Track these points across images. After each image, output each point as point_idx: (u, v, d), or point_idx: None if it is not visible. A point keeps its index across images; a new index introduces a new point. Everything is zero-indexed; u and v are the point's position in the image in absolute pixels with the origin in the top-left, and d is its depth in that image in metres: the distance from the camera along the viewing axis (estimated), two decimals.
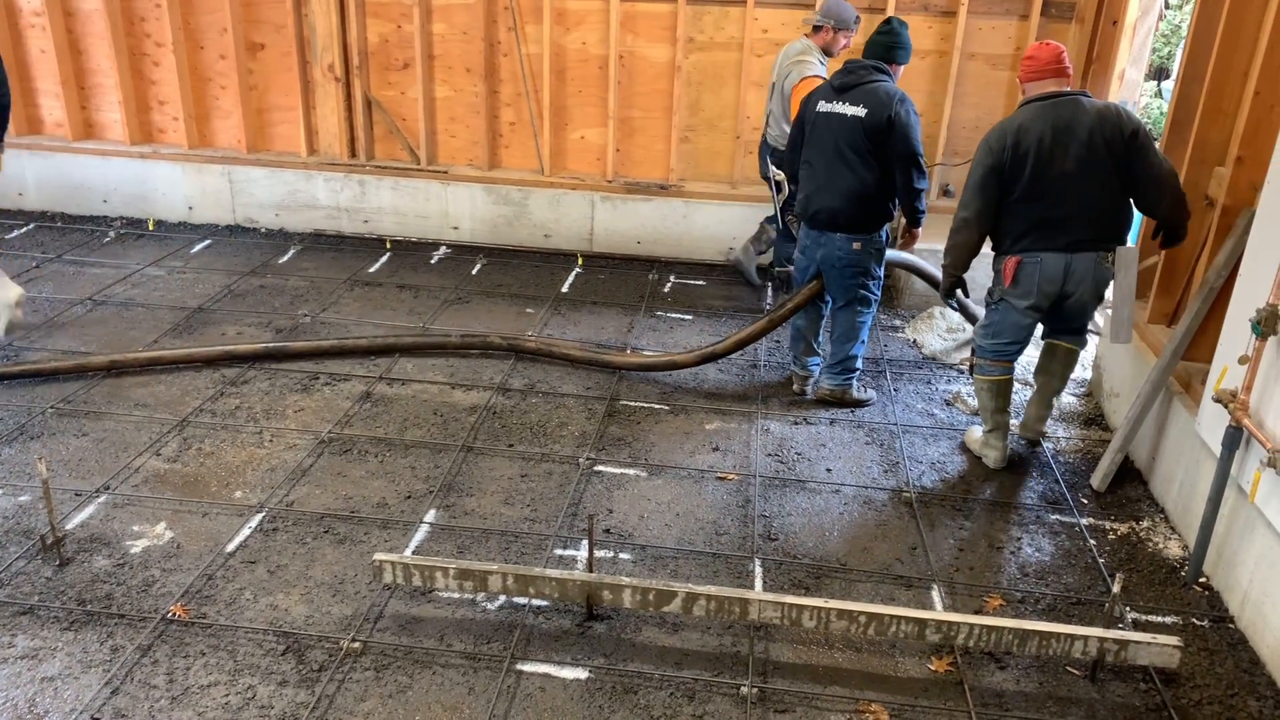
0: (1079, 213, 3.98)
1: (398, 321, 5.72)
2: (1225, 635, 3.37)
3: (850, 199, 4.53)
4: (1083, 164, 3.91)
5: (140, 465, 4.14)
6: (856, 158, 4.48)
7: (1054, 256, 4.03)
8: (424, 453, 4.33)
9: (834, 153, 4.53)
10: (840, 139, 4.51)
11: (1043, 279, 4.06)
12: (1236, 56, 4.00)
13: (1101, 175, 3.93)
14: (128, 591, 3.38)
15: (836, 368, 4.85)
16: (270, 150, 7.16)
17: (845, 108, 4.50)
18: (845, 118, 4.49)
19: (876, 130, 4.41)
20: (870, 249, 4.63)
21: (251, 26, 6.84)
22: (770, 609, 3.14)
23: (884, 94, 4.43)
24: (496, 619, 3.33)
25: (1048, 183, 3.96)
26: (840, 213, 4.56)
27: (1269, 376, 3.29)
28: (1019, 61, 6.27)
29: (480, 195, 6.95)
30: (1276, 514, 3.19)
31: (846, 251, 4.61)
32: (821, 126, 4.59)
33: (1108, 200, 3.98)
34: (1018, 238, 4.08)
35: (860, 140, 4.45)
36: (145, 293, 5.96)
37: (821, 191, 4.60)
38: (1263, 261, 3.39)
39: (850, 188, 4.52)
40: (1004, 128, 4.05)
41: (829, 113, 4.56)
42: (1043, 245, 4.04)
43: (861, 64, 4.57)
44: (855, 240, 4.59)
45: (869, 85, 4.48)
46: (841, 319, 4.78)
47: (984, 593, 3.56)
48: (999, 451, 4.36)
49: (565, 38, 6.59)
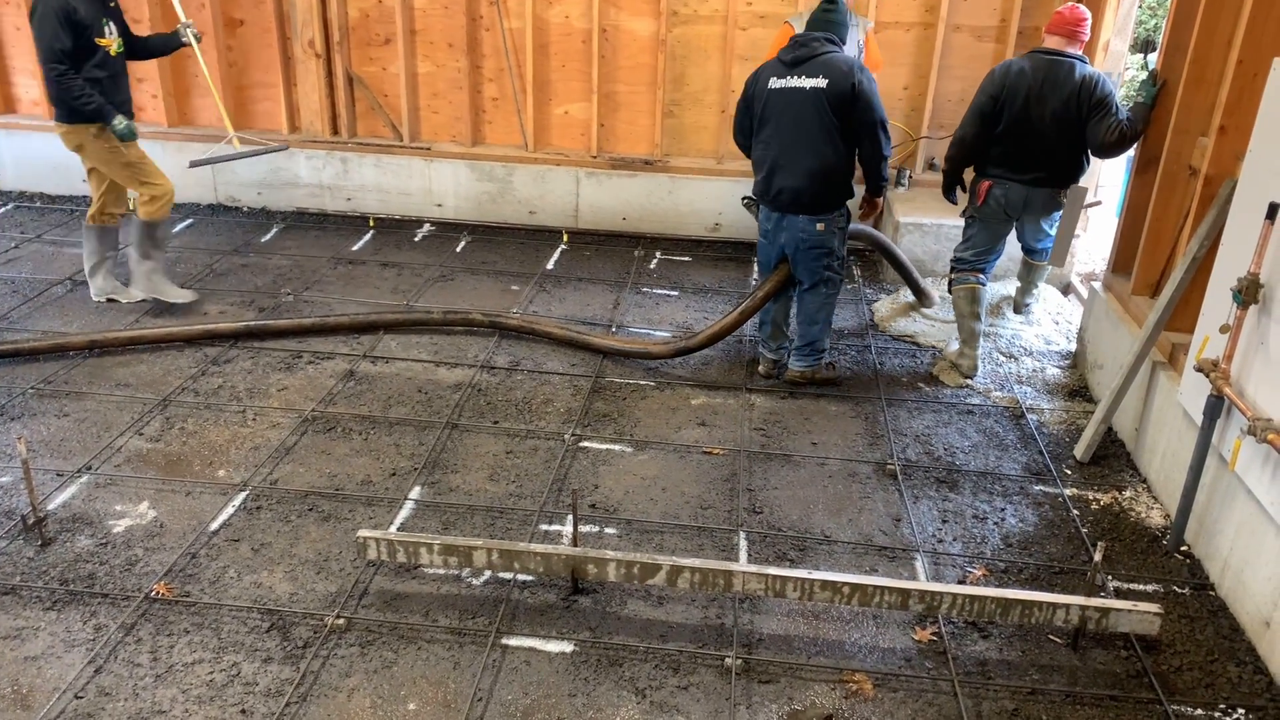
0: (1045, 157, 4.74)
1: (381, 300, 5.68)
2: (1206, 602, 3.40)
3: (813, 177, 4.46)
4: (1057, 120, 4.64)
5: (122, 445, 4.11)
6: (819, 133, 4.40)
7: (1018, 187, 4.82)
8: (408, 430, 4.32)
9: (793, 130, 4.44)
10: (800, 114, 4.41)
11: (1007, 203, 4.87)
12: (1219, 25, 3.99)
13: (1069, 131, 4.66)
14: (110, 571, 3.37)
15: (805, 349, 4.81)
16: (252, 128, 7.08)
17: (803, 80, 4.39)
18: (805, 91, 4.39)
19: (840, 100, 4.34)
20: (833, 228, 4.58)
21: (230, 2, 6.76)
22: (754, 581, 3.15)
23: (844, 63, 4.37)
24: (482, 594, 3.33)
25: (1026, 126, 4.69)
26: (803, 192, 4.49)
27: (1250, 345, 3.30)
28: (1004, 33, 6.27)
29: (464, 172, 6.91)
30: (1256, 482, 3.21)
31: (810, 233, 4.56)
32: (778, 104, 4.47)
33: (1069, 151, 4.74)
34: (995, 164, 4.84)
35: (823, 114, 4.37)
36: (125, 272, 5.89)
37: (782, 171, 4.51)
38: (1244, 230, 3.40)
39: (812, 166, 4.44)
40: (1008, 66, 4.73)
41: (785, 89, 4.44)
42: (1012, 176, 4.80)
43: (812, 36, 4.48)
44: (818, 221, 4.53)
45: (824, 56, 4.40)
46: (808, 300, 4.73)
47: (967, 563, 3.58)
48: (971, 360, 4.93)
49: (548, 11, 6.52)
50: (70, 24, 4.77)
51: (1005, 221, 4.96)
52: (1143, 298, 4.48)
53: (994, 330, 5.37)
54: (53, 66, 4.78)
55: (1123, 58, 5.90)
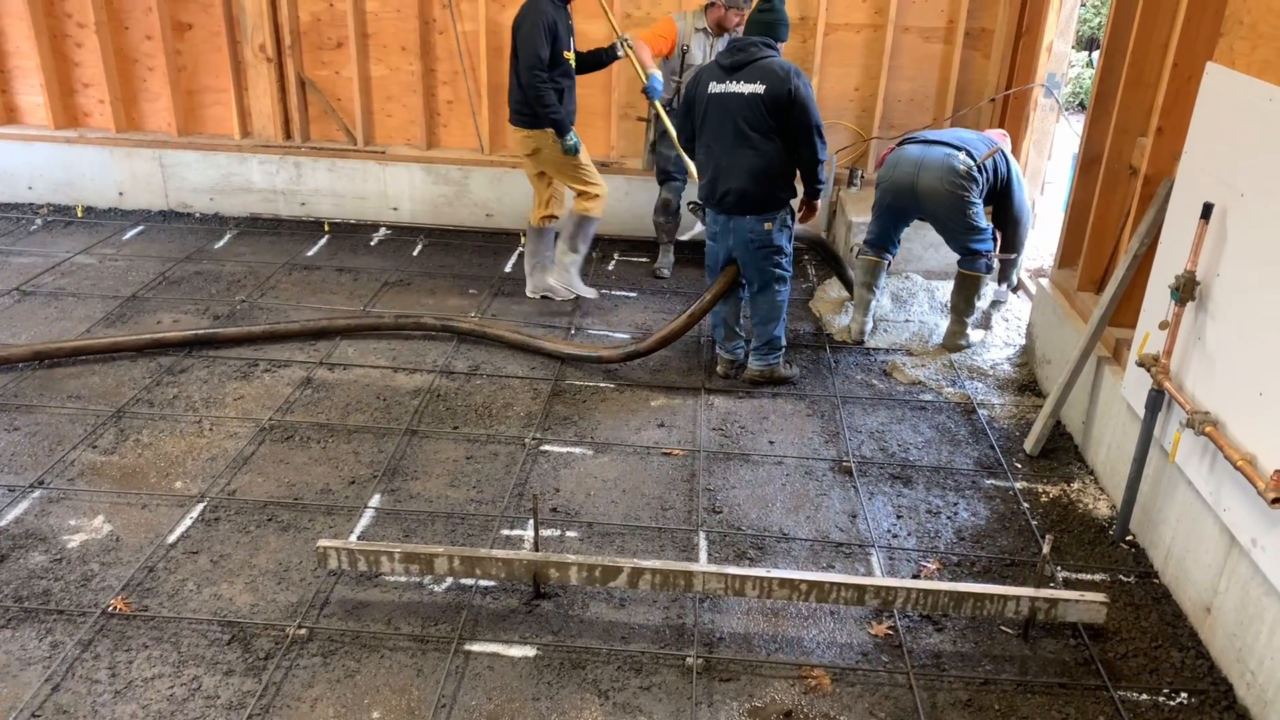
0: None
1: (337, 305, 5.66)
2: (1150, 590, 3.51)
3: (756, 177, 4.51)
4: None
5: (76, 458, 4.06)
6: (759, 135, 4.45)
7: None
8: (367, 437, 4.31)
9: (734, 133, 4.49)
10: (740, 118, 4.46)
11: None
12: (1156, 29, 4.11)
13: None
14: (66, 587, 3.33)
15: (763, 348, 4.88)
16: (202, 133, 7.01)
17: (741, 86, 4.44)
18: (743, 96, 4.44)
19: (777, 104, 4.40)
20: (780, 226, 4.64)
21: (178, 6, 6.67)
22: (714, 580, 3.20)
23: (780, 69, 4.41)
24: (444, 601, 3.35)
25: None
26: (747, 193, 4.54)
27: (1188, 341, 3.41)
28: (951, 34, 6.39)
29: (419, 175, 6.88)
30: (1195, 473, 3.32)
31: (759, 233, 4.62)
32: (717, 108, 4.52)
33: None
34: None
35: (762, 118, 4.43)
36: (76, 282, 5.82)
37: (726, 174, 4.56)
38: (1181, 229, 3.51)
39: (755, 166, 4.50)
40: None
41: (723, 93, 4.49)
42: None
43: (749, 40, 4.51)
44: (765, 220, 4.60)
45: (762, 61, 4.44)
46: (761, 301, 4.78)
47: (922, 557, 3.66)
48: (859, 324, 5.33)
49: (501, 14, 6.52)
50: (551, 36, 5.15)
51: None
52: (1088, 294, 4.60)
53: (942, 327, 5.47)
54: (537, 74, 5.14)
55: (1065, 58, 6.03)
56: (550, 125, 5.30)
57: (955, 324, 5.27)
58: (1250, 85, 3.18)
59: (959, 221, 5.03)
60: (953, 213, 5.01)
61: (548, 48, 5.14)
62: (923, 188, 4.99)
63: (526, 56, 5.14)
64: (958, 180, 4.92)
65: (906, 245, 5.75)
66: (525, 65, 5.15)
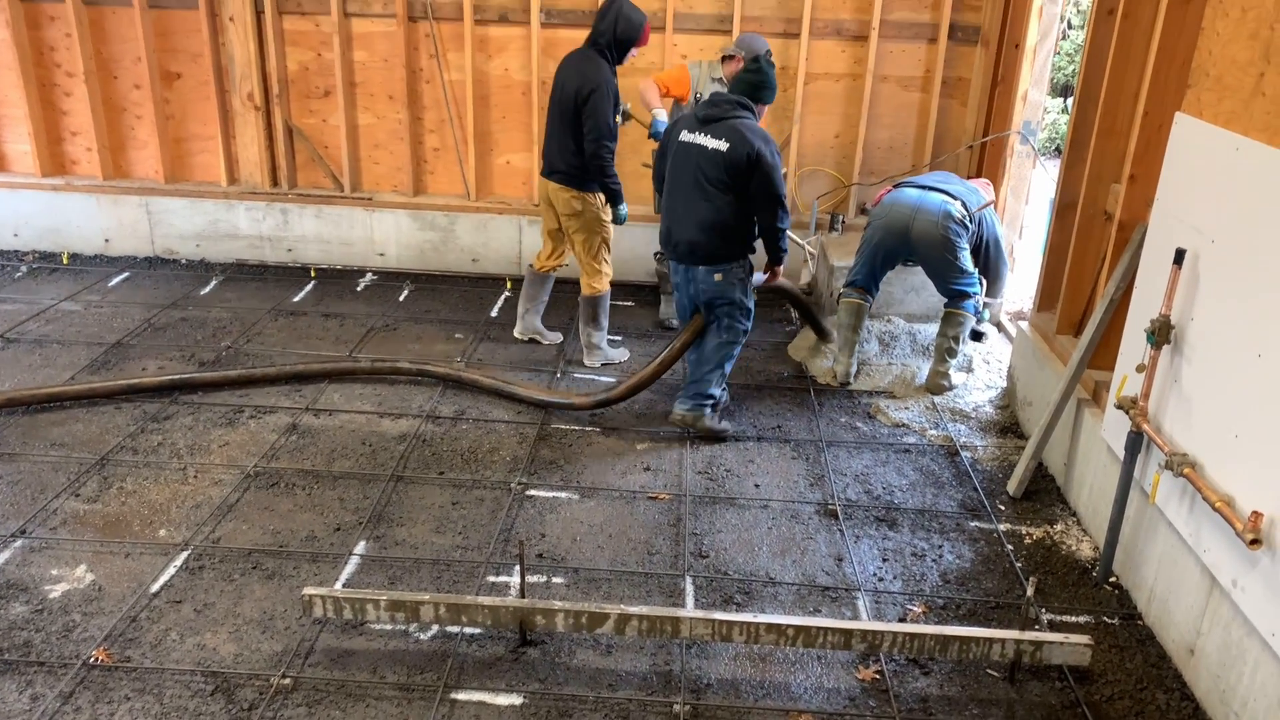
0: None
1: (323, 350, 5.67)
2: (1134, 632, 3.53)
3: (708, 230, 4.52)
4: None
5: (58, 507, 4.04)
6: (715, 190, 4.47)
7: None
8: (353, 484, 4.31)
9: (693, 184, 4.52)
10: (700, 171, 4.49)
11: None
12: (1127, 79, 4.22)
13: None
14: (47, 638, 3.30)
15: (690, 390, 4.80)
16: (190, 180, 7.05)
17: (708, 140, 4.47)
18: (706, 150, 4.47)
19: (736, 166, 4.40)
20: (731, 279, 4.61)
21: (167, 55, 6.75)
22: (701, 626, 3.20)
23: (747, 131, 4.43)
24: (430, 649, 3.33)
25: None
26: (698, 245, 4.56)
27: (1165, 383, 3.47)
28: (928, 83, 6.53)
29: (406, 221, 6.94)
30: (1175, 514, 3.35)
31: (710, 284, 4.62)
32: (681, 157, 4.57)
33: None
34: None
35: (721, 174, 4.44)
36: (60, 329, 5.81)
37: (680, 223, 4.60)
38: (1155, 274, 3.58)
39: (707, 219, 4.51)
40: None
41: (690, 143, 4.53)
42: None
43: (726, 98, 4.54)
44: (715, 271, 4.59)
45: (732, 121, 4.47)
46: (706, 343, 4.76)
47: (908, 600, 3.67)
48: (845, 367, 5.37)
49: (488, 64, 6.63)
50: (615, 102, 5.14)
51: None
52: (1066, 337, 4.67)
53: (924, 370, 5.52)
54: (606, 145, 5.10)
55: (1040, 106, 6.17)
56: (607, 194, 5.27)
57: (938, 365, 5.33)
58: (1217, 135, 3.27)
59: (948, 264, 5.15)
60: (944, 255, 5.13)
61: (614, 116, 5.11)
62: (917, 230, 5.12)
63: (597, 126, 5.03)
64: (951, 225, 5.08)
65: (888, 289, 5.83)
66: (595, 135, 5.05)
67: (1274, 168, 2.94)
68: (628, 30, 5.06)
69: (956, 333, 5.25)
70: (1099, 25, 4.41)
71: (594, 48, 5.14)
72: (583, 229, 5.40)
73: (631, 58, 5.27)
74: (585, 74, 5.07)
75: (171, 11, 6.61)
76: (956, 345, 5.28)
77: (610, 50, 5.11)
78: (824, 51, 6.54)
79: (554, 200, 5.38)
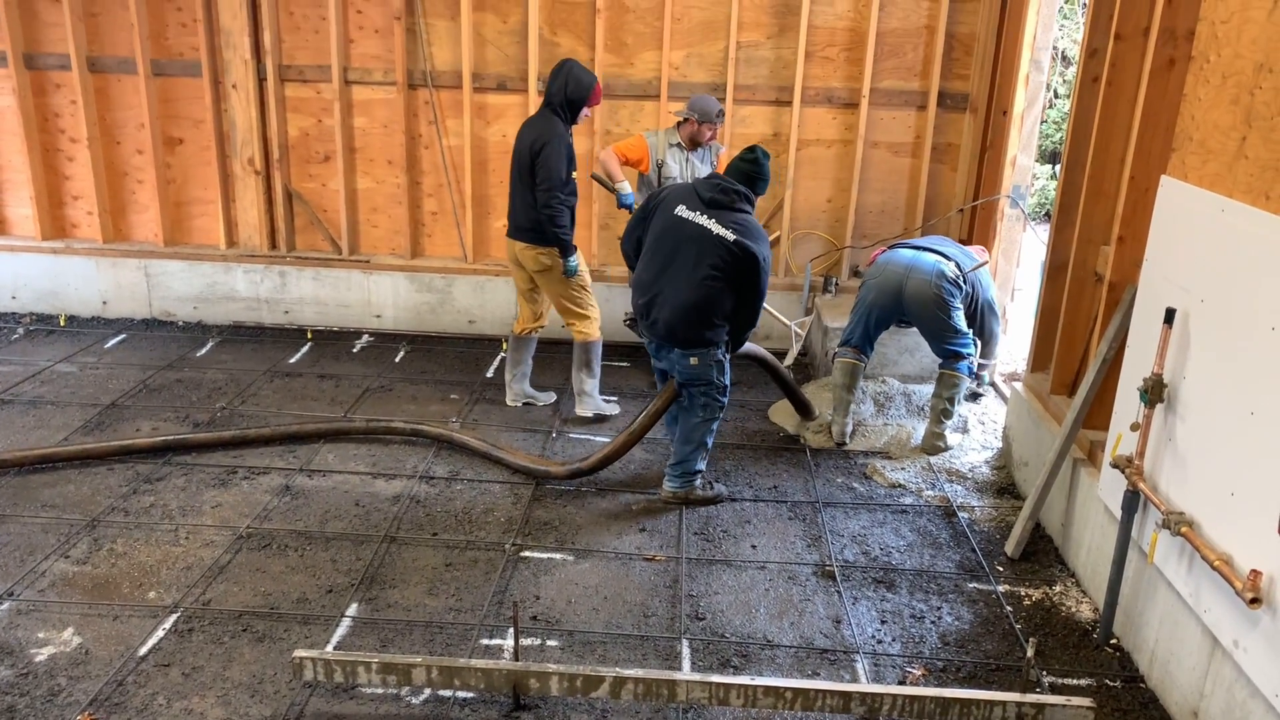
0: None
1: (318, 411, 5.66)
2: (1137, 695, 3.48)
3: (686, 313, 4.43)
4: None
5: (47, 569, 3.99)
6: (709, 274, 4.38)
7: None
8: (345, 545, 4.27)
9: (684, 263, 4.42)
10: (699, 252, 4.39)
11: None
12: (1113, 144, 4.30)
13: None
14: (31, 703, 3.23)
15: (677, 469, 4.73)
16: (189, 243, 7.11)
17: (714, 225, 4.39)
18: (710, 234, 4.38)
19: (737, 259, 4.36)
20: (709, 362, 4.54)
21: (170, 122, 6.86)
22: (698, 689, 3.15)
23: (756, 231, 4.44)
24: (421, 713, 3.27)
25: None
26: (677, 328, 4.46)
27: (1159, 442, 3.48)
28: (919, 149, 6.65)
29: (403, 283, 6.99)
30: (1174, 574, 3.33)
31: (685, 366, 4.55)
32: (676, 232, 4.47)
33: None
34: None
35: (720, 261, 4.36)
36: (55, 390, 5.81)
37: (661, 301, 4.49)
38: (1146, 333, 3.61)
39: (689, 300, 4.41)
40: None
41: (690, 221, 4.44)
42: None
43: (733, 186, 4.47)
44: (691, 356, 4.51)
45: (741, 215, 4.45)
46: (685, 420, 4.72)
47: (907, 663, 3.63)
48: (840, 427, 5.38)
49: (486, 130, 6.75)
50: (569, 157, 5.23)
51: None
52: (1061, 397, 4.68)
53: (919, 430, 5.53)
54: (556, 195, 5.18)
55: (1029, 171, 6.28)
56: (557, 245, 5.29)
57: (934, 426, 5.34)
58: (1202, 197, 3.33)
59: (942, 324, 5.19)
60: (937, 314, 5.17)
61: (566, 169, 5.20)
62: (910, 290, 5.17)
63: (549, 177, 5.13)
64: (945, 284, 5.13)
65: (882, 350, 5.86)
66: (546, 185, 5.14)
67: (1258, 227, 2.99)
68: (577, 90, 5.22)
69: (952, 394, 5.27)
70: (1084, 92, 4.52)
71: (549, 108, 5.29)
72: (558, 282, 5.48)
73: (585, 117, 5.41)
74: (539, 130, 5.24)
75: (175, 79, 6.74)
76: (952, 406, 5.29)
77: (563, 109, 5.25)
78: (815, 118, 6.67)
79: (522, 259, 5.47)
